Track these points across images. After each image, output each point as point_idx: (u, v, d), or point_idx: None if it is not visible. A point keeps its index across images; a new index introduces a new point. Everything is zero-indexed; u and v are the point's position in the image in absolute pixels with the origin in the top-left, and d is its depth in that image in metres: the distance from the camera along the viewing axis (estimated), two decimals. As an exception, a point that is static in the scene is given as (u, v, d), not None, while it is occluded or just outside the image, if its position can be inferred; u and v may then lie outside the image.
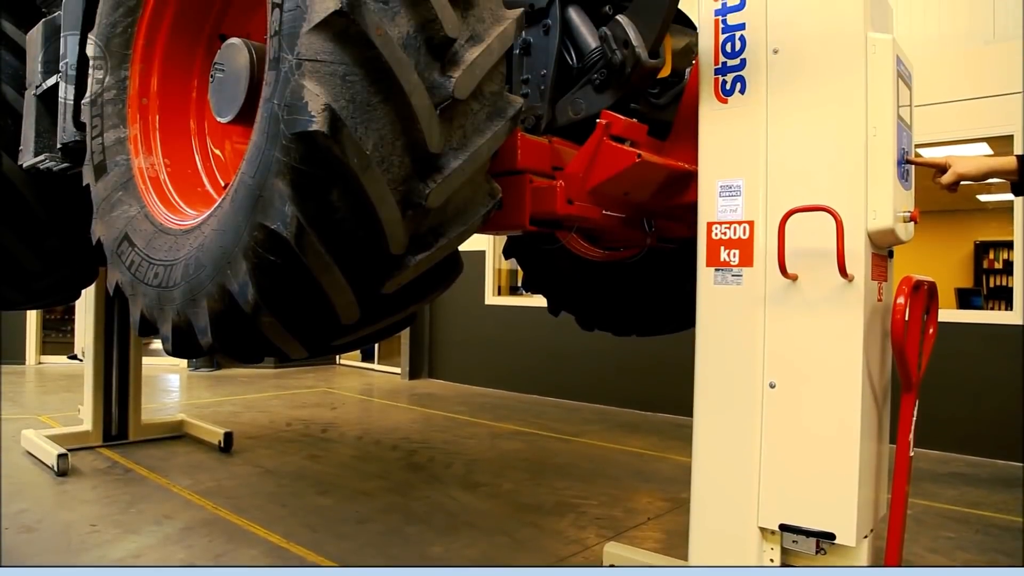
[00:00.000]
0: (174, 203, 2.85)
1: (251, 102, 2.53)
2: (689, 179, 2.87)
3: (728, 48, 2.69)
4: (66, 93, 3.48)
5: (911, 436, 2.66)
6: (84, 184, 3.17)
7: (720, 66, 2.70)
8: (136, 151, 2.91)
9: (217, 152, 3.12)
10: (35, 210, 4.61)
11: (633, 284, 4.24)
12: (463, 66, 2.21)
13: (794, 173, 2.54)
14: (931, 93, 6.39)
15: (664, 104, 3.30)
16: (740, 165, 2.65)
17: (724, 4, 2.69)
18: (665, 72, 3.05)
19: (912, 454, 2.70)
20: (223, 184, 3.01)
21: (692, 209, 2.78)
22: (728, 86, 2.69)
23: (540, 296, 10.29)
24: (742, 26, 2.66)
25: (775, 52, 2.60)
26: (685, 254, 3.33)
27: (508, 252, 5.02)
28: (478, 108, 2.31)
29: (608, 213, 3.05)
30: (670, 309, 4.17)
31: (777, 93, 2.59)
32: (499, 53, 2.32)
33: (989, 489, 5.84)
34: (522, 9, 2.51)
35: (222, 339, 2.44)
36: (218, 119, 2.73)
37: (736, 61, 2.67)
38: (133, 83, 2.97)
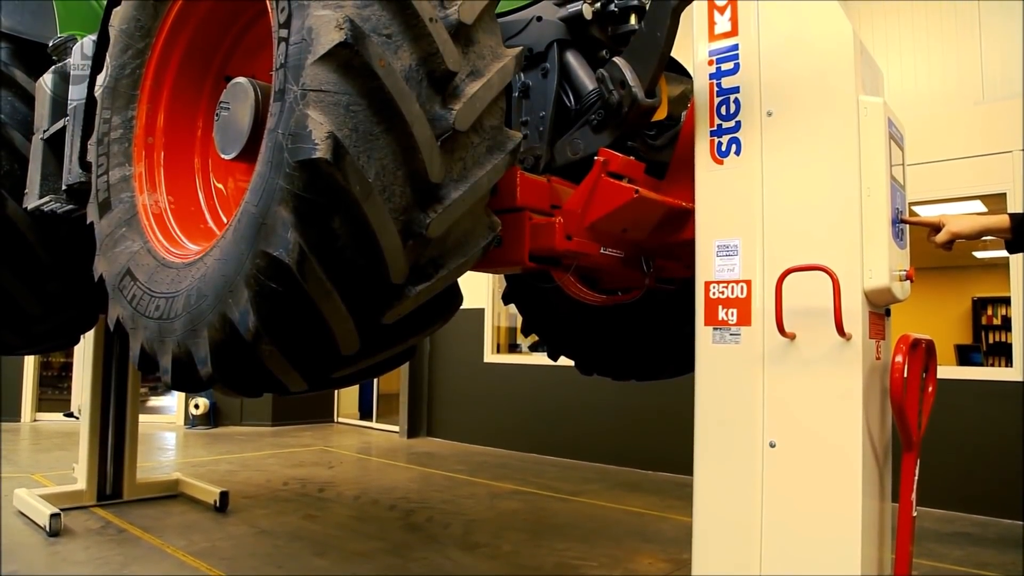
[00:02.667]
0: (177, 239, 2.89)
1: (255, 139, 2.58)
2: (686, 216, 2.90)
3: (723, 111, 2.75)
4: (73, 133, 3.55)
5: (914, 495, 2.65)
6: (88, 222, 3.21)
7: (716, 128, 2.76)
8: (141, 188, 2.96)
9: (219, 186, 3.17)
10: (38, 253, 4.64)
11: (631, 327, 4.24)
12: (464, 99, 2.27)
13: (790, 233, 2.58)
14: (924, 153, 6.51)
15: (661, 146, 3.36)
16: (737, 225, 2.68)
17: (719, 68, 2.76)
18: (661, 115, 3.11)
19: (915, 513, 2.67)
20: (225, 221, 3.05)
21: (689, 246, 2.81)
22: (724, 147, 2.74)
23: (539, 355, 10.27)
24: (736, 89, 2.72)
25: (769, 114, 2.65)
26: (683, 296, 3.34)
27: (507, 298, 5.03)
28: (478, 141, 2.36)
29: (607, 252, 3.08)
30: (669, 352, 4.16)
31: (772, 154, 2.64)
32: (499, 88, 2.37)
33: (997, 549, 5.73)
34: (521, 48, 2.58)
35: (222, 370, 2.44)
36: (222, 156, 2.78)
37: (731, 123, 2.72)
38: (140, 122, 3.03)
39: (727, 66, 2.75)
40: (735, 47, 2.74)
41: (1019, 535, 6.11)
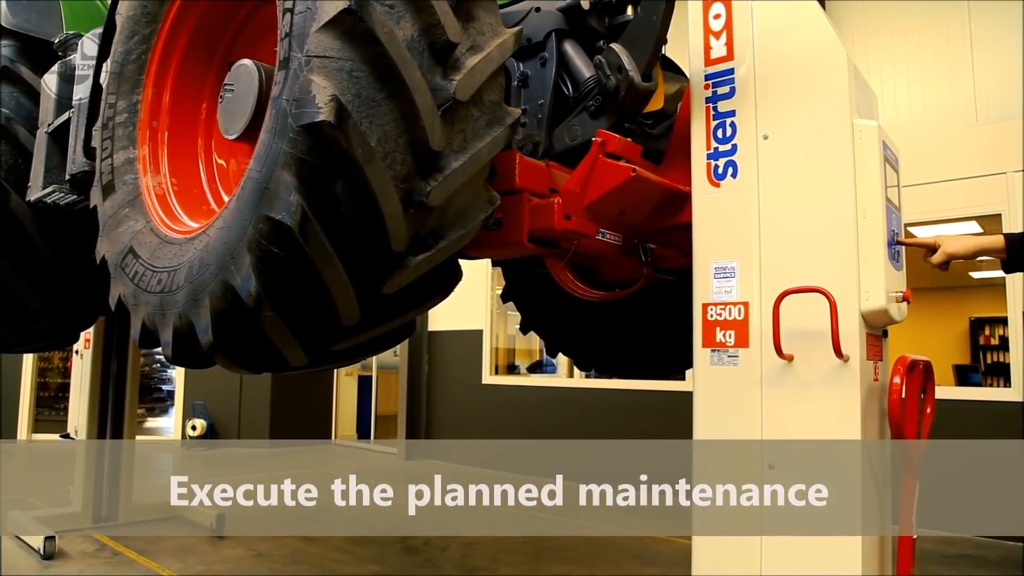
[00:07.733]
0: (179, 218, 2.92)
1: (258, 118, 2.62)
2: (683, 199, 2.94)
3: (719, 134, 2.79)
4: (78, 124, 3.58)
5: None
6: (91, 206, 3.24)
7: (712, 151, 2.80)
8: (144, 170, 2.99)
9: (221, 162, 3.21)
10: (40, 248, 4.65)
11: (629, 322, 4.26)
12: (464, 70, 2.32)
13: (787, 255, 2.61)
14: (919, 174, 6.56)
15: (658, 135, 3.41)
16: (734, 247, 2.71)
17: (715, 92, 2.81)
18: (657, 105, 3.16)
19: (916, 536, 2.66)
20: (227, 200, 3.09)
21: (687, 230, 2.84)
22: (720, 170, 2.77)
23: (538, 376, 10.22)
24: (732, 113, 2.77)
25: (765, 138, 2.69)
26: (681, 289, 3.36)
27: (506, 296, 5.05)
28: (478, 115, 2.41)
29: (605, 237, 3.11)
30: (667, 347, 4.16)
31: (768, 177, 2.67)
32: (498, 61, 2.42)
33: (1000, 571, 5.67)
34: (520, 28, 2.64)
35: (223, 338, 2.45)
36: (225, 136, 2.84)
37: (727, 147, 2.77)
38: (144, 106, 3.08)
39: (723, 90, 2.79)
40: (731, 71, 2.78)
41: (1020, 557, 6.04)
